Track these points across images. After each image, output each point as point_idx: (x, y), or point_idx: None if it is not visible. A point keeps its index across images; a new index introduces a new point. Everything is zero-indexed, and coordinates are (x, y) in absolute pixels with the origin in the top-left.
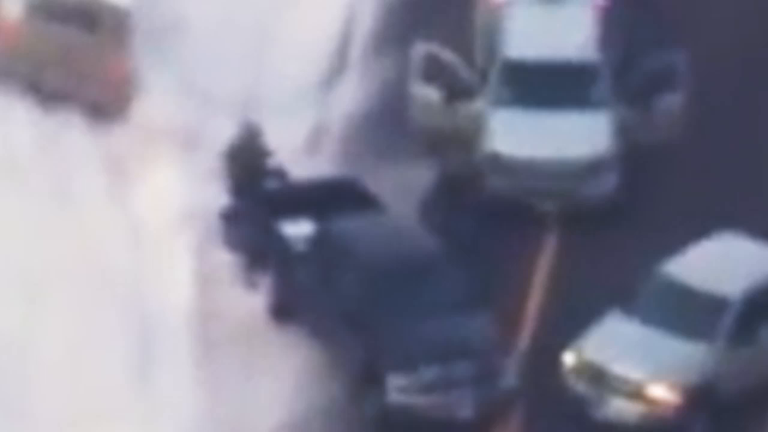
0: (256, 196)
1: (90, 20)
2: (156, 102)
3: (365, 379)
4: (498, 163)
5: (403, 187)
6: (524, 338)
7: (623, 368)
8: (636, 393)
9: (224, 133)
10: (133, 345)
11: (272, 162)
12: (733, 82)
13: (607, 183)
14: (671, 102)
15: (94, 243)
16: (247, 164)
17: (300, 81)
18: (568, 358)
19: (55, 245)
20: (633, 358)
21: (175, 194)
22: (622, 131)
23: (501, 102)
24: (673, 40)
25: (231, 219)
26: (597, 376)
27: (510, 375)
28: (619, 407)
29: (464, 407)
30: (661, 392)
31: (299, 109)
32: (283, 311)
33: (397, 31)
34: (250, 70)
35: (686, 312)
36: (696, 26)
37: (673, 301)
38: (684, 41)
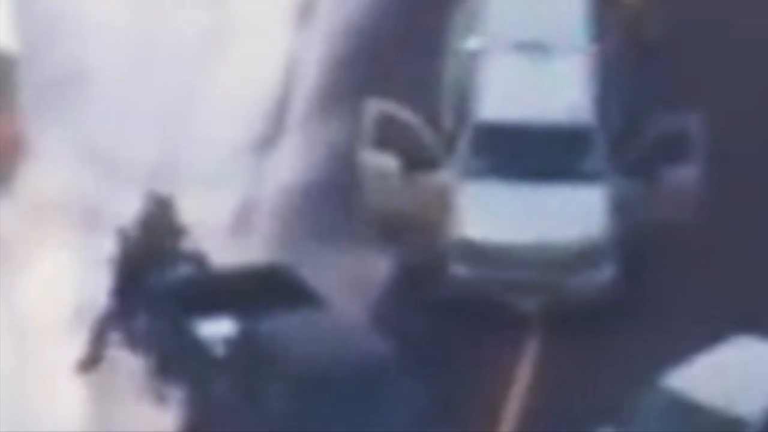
0: (164, 287)
1: None
2: (48, 169)
3: None
4: (468, 250)
5: (349, 279)
6: None
7: None
8: None
9: (131, 209)
10: None
11: (187, 243)
12: (758, 151)
13: (602, 275)
14: (683, 175)
15: None
16: (153, 246)
17: (227, 146)
18: None
19: None
20: None
21: (68, 285)
22: (622, 210)
23: (472, 174)
24: (686, 100)
25: (130, 317)
26: None
27: None
28: None
29: None
30: None
31: (225, 179)
32: None
33: (345, 87)
34: (166, 133)
35: None
36: (714, 83)
37: (678, 421)
38: (699, 102)
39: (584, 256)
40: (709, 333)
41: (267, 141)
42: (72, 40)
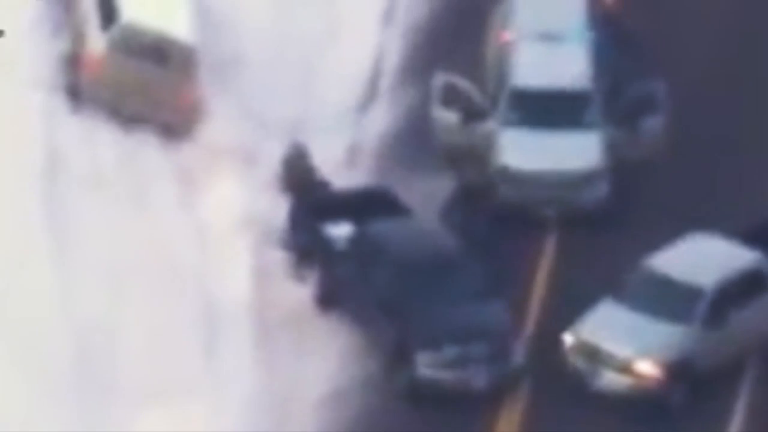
0: (304, 204)
1: (162, 55)
2: (219, 125)
3: (397, 357)
4: (507, 174)
5: (427, 195)
6: (530, 323)
7: (614, 347)
8: (625, 368)
9: (276, 151)
10: (201, 329)
11: (318, 175)
12: (706, 106)
13: (599, 192)
14: (653, 123)
15: (168, 243)
16: (296, 178)
17: (339, 106)
18: (568, 339)
19: (135, 245)
20: (622, 338)
21: (235, 202)
22: (611, 148)
23: (509, 123)
24: (654, 70)
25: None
26: (592, 353)
27: (519, 353)
28: (611, 380)
29: (480, 381)
30: (646, 367)
31: (339, 130)
32: (327, 301)
33: (420, 64)
34: (298, 98)
35: (667, 299)
36: (673, 59)
37: (656, 290)
38: (663, 72)
39: (586, 179)
40: (675, 230)
41: (366, 102)
42: (231, 33)
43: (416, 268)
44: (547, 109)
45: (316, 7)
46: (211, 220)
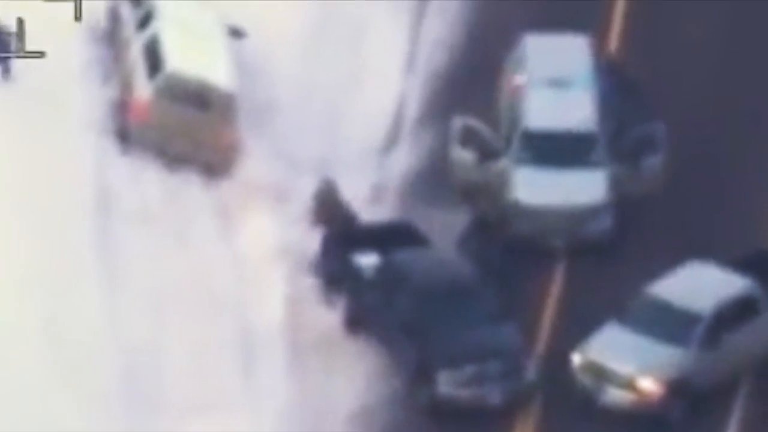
0: (334, 235)
1: (204, 101)
2: (255, 164)
3: (419, 376)
4: (519, 208)
5: (445, 228)
6: (541, 343)
7: (618, 366)
8: (628, 385)
9: (307, 187)
10: (239, 351)
11: (346, 208)
12: (701, 146)
13: (604, 224)
14: (653, 162)
15: (208, 272)
16: (326, 212)
17: (365, 147)
18: (576, 358)
19: (178, 274)
20: (626, 358)
21: (270, 235)
22: (615, 184)
23: (521, 161)
24: (654, 114)
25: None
26: (598, 372)
27: (531, 372)
28: (616, 396)
29: (495, 397)
30: (648, 385)
31: (364, 169)
32: (355, 324)
33: (439, 108)
34: (326, 139)
35: (667, 323)
36: (671, 102)
37: (657, 314)
38: (662, 114)
39: (592, 213)
40: (673, 259)
41: (390, 143)
42: (265, 81)
43: (436, 293)
44: (556, 149)
45: (342, 57)
46: (248, 251)
